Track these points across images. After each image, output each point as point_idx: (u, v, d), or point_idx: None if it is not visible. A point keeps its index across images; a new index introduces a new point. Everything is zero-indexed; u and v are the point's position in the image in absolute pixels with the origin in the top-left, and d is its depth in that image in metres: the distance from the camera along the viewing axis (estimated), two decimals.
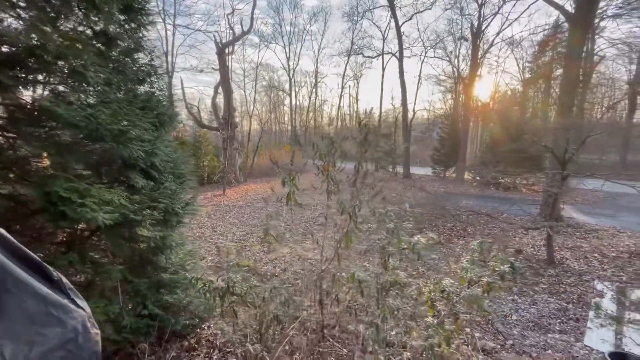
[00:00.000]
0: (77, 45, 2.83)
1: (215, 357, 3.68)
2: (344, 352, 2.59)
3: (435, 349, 2.01)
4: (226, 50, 22.16)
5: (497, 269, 2.59)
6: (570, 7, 10.97)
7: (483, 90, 29.16)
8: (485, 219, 9.58)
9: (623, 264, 6.70)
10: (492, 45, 20.58)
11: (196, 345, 3.77)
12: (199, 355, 3.74)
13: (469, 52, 20.74)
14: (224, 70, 21.53)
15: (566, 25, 15.25)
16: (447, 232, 9.30)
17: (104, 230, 3.13)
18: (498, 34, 21.11)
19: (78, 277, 3.73)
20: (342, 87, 33.07)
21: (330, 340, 2.82)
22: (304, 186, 4.12)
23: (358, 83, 43.13)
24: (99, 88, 3.07)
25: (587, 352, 4.08)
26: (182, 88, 21.44)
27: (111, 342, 3.22)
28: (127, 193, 3.36)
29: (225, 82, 21.20)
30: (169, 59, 18.49)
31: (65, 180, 2.79)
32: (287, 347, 2.85)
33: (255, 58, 46.85)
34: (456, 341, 4.44)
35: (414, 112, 26.04)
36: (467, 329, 4.66)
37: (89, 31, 3.27)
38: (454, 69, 24.63)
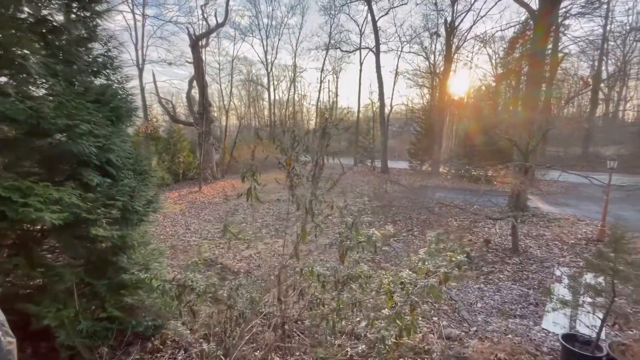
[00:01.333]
0: (15, 32, 2.63)
1: (180, 357, 3.59)
2: (307, 345, 2.59)
3: (388, 341, 2.04)
4: (200, 43, 21.48)
5: (453, 259, 2.66)
6: (535, 5, 11.38)
7: (458, 85, 29.90)
8: (457, 211, 9.88)
9: (580, 250, 7.11)
10: (465, 41, 21.11)
11: (161, 347, 3.66)
12: (164, 356, 3.63)
13: (444, 47, 21.18)
14: (198, 63, 20.88)
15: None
16: (420, 224, 9.52)
17: (53, 230, 2.97)
18: (469, 30, 21.64)
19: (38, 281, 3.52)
20: (321, 82, 32.93)
21: (297, 334, 2.81)
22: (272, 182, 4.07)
23: (337, 78, 43.14)
24: (43, 80, 2.86)
25: (544, 335, 4.30)
26: (155, 82, 20.64)
27: (65, 347, 3.07)
28: (80, 191, 3.19)
29: (199, 76, 20.58)
30: (139, 50, 17.70)
31: (6, 178, 2.60)
32: (252, 345, 2.82)
33: (232, 51, 45.68)
34: (423, 329, 4.57)
35: (392, 107, 26.38)
36: (435, 318, 4.80)
37: (31, 18, 3.05)
38: (430, 64, 25.08)
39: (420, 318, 3.38)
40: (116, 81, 4.10)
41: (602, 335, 4.18)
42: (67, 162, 3.37)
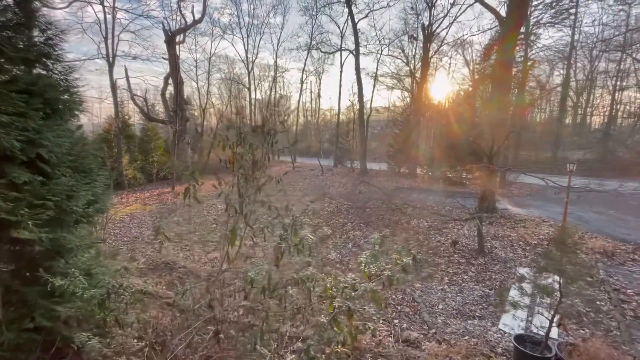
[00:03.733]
0: None
1: None
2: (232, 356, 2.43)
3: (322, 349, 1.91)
4: (176, 39, 20.88)
5: (399, 262, 2.58)
6: (504, 11, 11.69)
7: (438, 90, 30.54)
8: (428, 212, 9.96)
9: (542, 250, 7.28)
10: (441, 45, 21.52)
11: (99, 358, 3.39)
12: None
13: (421, 52, 21.51)
14: (173, 59, 20.28)
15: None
16: (391, 225, 9.54)
17: None
18: (446, 34, 22.12)
19: None
20: (302, 82, 32.77)
21: (233, 342, 2.64)
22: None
23: (320, 79, 43.14)
24: None
25: (500, 336, 4.33)
26: (127, 77, 19.84)
27: None
28: (3, 190, 2.91)
29: (174, 73, 19.99)
30: (109, 44, 16.95)
31: None
32: (188, 350, 2.63)
33: (210, 48, 44.84)
34: (383, 333, 4.50)
35: (371, 109, 26.53)
36: (396, 321, 4.75)
37: None
38: (409, 68, 25.44)
39: (371, 324, 3.29)
40: (61, 72, 3.83)
41: (556, 335, 4.25)
42: None
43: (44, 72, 3.70)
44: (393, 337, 4.22)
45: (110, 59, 17.16)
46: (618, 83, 28.68)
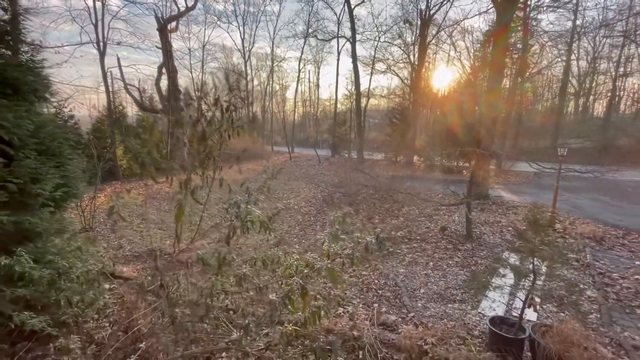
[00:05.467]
0: None
1: (89, 352, 3.32)
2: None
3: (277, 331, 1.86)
4: (169, 27, 20.51)
5: (360, 240, 2.50)
6: None
7: (437, 78, 30.06)
8: (417, 198, 9.88)
9: (517, 232, 7.22)
10: (439, 30, 21.08)
11: (70, 342, 3.38)
12: (72, 352, 3.35)
13: (418, 38, 21.10)
14: (166, 48, 19.97)
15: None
16: (382, 212, 9.48)
17: None
18: (444, 20, 21.63)
19: None
20: (299, 71, 32.35)
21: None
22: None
23: (319, 68, 42.59)
24: None
25: (478, 319, 4.29)
26: (120, 67, 19.57)
27: None
28: None
29: (168, 62, 19.69)
30: (99, 31, 16.66)
31: None
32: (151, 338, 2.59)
33: (204, 37, 44.27)
34: (361, 317, 4.47)
35: (368, 98, 26.23)
36: (376, 305, 4.72)
37: None
38: (407, 55, 25.00)
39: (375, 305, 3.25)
40: (30, 56, 3.75)
41: (534, 318, 4.21)
42: None
43: (6, 52, 3.60)
44: (369, 320, 4.19)
45: (101, 47, 16.92)
46: (621, 69, 28.16)
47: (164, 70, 21.37)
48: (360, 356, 3.49)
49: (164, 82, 22.15)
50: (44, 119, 3.77)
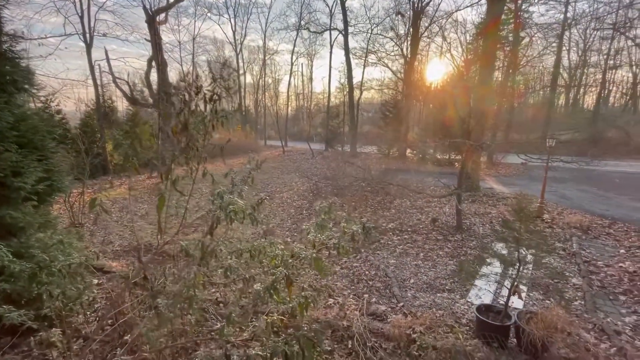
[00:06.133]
0: None
1: (75, 346, 3.30)
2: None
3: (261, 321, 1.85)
4: (157, 19, 20.11)
5: (347, 230, 2.50)
6: None
7: (429, 72, 30.05)
8: (408, 190, 9.93)
9: (502, 220, 7.32)
10: (431, 22, 21.00)
11: (56, 338, 3.34)
12: (56, 347, 3.32)
13: (410, 30, 21.01)
14: (155, 40, 19.60)
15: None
16: (375, 205, 9.52)
17: None
18: (436, 11, 21.53)
19: None
20: (292, 64, 32.03)
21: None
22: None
23: (312, 62, 42.25)
24: None
25: (467, 307, 4.35)
26: (107, 60, 19.14)
27: None
28: None
29: (157, 54, 19.35)
30: (85, 23, 16.23)
31: None
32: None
33: (195, 29, 43.58)
34: (351, 307, 4.50)
35: (361, 91, 26.15)
36: (366, 295, 4.76)
37: None
38: (400, 48, 24.91)
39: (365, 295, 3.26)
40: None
41: (521, 306, 4.29)
42: None
43: None
44: (360, 311, 4.22)
45: (88, 39, 16.51)
46: (610, 62, 28.47)
47: (153, 63, 21.01)
48: (350, 345, 3.53)
49: (155, 76, 21.82)
50: (24, 111, 3.68)
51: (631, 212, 8.10)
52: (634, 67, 29.22)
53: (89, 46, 16.48)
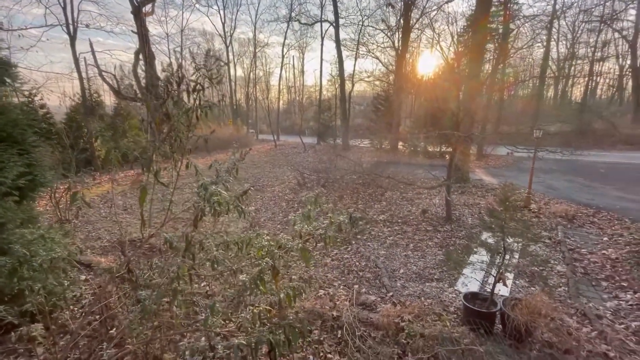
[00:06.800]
0: None
1: (62, 342, 3.26)
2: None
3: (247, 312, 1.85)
4: (143, 10, 19.61)
5: (333, 220, 2.51)
6: None
7: (421, 64, 30.02)
8: (404, 185, 10.00)
9: (488, 209, 7.45)
10: (422, 14, 20.92)
11: (37, 333, 3.30)
12: (41, 343, 3.28)
13: (401, 22, 20.91)
14: (142, 33, 19.13)
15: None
16: (366, 197, 9.56)
17: None
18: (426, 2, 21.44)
19: None
20: (283, 56, 31.67)
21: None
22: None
23: (303, 54, 41.82)
24: None
25: (454, 296, 4.43)
26: (93, 52, 18.62)
27: None
28: None
29: (144, 47, 18.91)
30: (69, 13, 15.72)
31: None
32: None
33: (182, 20, 42.67)
34: (341, 297, 4.54)
35: (353, 84, 26.04)
36: (356, 286, 4.80)
37: None
38: (391, 40, 24.80)
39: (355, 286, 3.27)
40: None
41: (507, 293, 4.38)
42: None
43: None
44: (349, 301, 4.27)
45: (71, 30, 16.01)
46: (597, 54, 28.88)
47: (141, 56, 20.55)
48: (339, 335, 3.57)
49: (143, 69, 21.38)
50: (3, 104, 3.57)
51: (615, 201, 8.31)
52: (620, 59, 29.70)
53: (72, 38, 15.99)
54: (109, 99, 28.07)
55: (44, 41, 20.45)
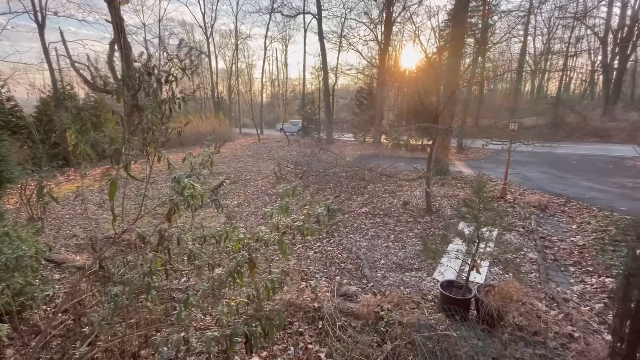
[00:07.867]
0: None
1: (33, 343, 3.16)
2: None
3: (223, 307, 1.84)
4: None
5: (311, 212, 2.52)
6: None
7: (404, 58, 30.27)
8: (386, 177, 10.12)
9: (463, 199, 7.70)
10: (404, 8, 21.01)
11: (2, 333, 3.18)
12: (11, 344, 3.17)
13: (384, 15, 20.96)
14: (116, 22, 18.33)
15: None
16: (349, 190, 9.64)
17: None
18: None
19: None
20: (265, 48, 31.19)
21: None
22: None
23: (286, 46, 41.31)
24: None
25: (433, 284, 4.56)
26: (64, 42, 17.68)
27: None
28: None
29: (119, 37, 18.14)
30: (36, 0, 14.86)
31: None
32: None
33: (160, 10, 41.22)
34: (323, 289, 4.58)
35: (336, 77, 26.02)
36: (337, 277, 4.86)
37: None
38: (374, 34, 24.81)
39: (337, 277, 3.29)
40: None
41: (482, 280, 4.55)
42: None
43: None
44: (331, 292, 4.32)
45: (40, 18, 15.16)
46: (571, 50, 29.93)
47: (116, 47, 19.73)
48: (320, 325, 3.62)
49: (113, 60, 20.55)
50: None
51: (584, 191, 8.72)
52: (592, 54, 30.90)
53: (41, 26, 15.16)
54: (82, 92, 26.90)
55: (9, 29, 19.24)
